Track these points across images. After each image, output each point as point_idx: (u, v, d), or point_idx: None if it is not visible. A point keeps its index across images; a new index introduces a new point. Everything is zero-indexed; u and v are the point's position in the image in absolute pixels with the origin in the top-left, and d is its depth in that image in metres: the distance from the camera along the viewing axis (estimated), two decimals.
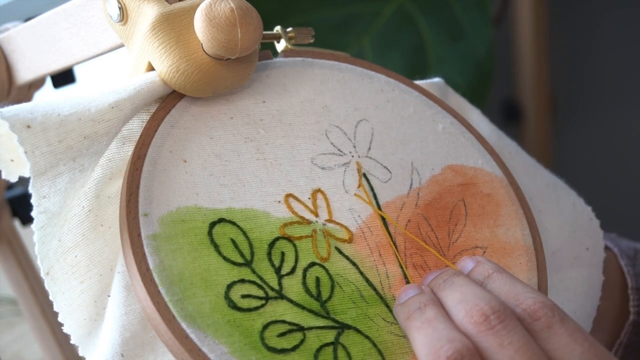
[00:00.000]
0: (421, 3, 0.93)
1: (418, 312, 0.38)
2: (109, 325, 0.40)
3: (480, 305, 0.37)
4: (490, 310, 0.36)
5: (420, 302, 0.39)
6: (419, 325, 0.38)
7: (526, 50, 1.30)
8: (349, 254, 0.42)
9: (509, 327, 0.36)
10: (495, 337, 0.36)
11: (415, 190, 0.45)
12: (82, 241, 0.40)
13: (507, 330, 0.36)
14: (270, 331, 0.38)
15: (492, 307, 0.37)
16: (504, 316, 0.36)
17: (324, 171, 0.44)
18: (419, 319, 0.38)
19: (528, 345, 0.36)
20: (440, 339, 0.36)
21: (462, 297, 0.38)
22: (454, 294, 0.38)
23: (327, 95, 0.47)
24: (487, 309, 0.37)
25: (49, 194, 0.38)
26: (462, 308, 0.37)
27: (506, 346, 0.35)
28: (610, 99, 1.43)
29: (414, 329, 0.38)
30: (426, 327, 0.37)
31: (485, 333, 0.36)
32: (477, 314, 0.36)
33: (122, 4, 0.43)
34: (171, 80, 0.42)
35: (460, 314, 0.37)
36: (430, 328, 0.37)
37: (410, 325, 0.38)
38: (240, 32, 0.40)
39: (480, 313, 0.36)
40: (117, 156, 0.42)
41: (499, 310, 0.36)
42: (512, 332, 0.36)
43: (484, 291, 0.38)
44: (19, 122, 0.37)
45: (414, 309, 0.39)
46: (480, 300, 0.37)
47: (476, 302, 0.37)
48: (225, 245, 0.39)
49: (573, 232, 0.50)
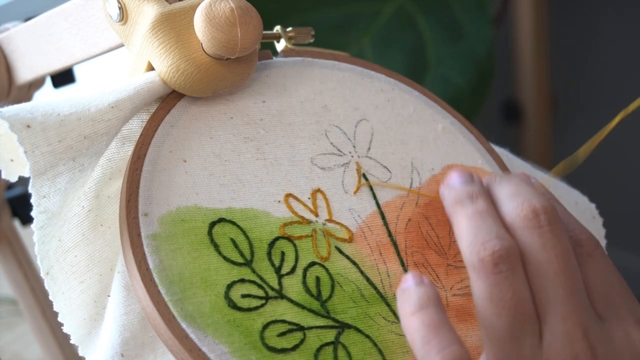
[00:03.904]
0: (421, 3, 0.93)
1: (469, 200, 0.37)
2: (108, 325, 0.40)
3: (533, 202, 0.36)
4: (542, 209, 0.36)
5: (473, 191, 0.38)
6: (469, 214, 0.37)
7: (526, 50, 1.30)
8: (349, 253, 0.42)
9: (555, 232, 0.36)
10: (539, 237, 0.35)
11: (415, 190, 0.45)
12: (82, 241, 0.40)
13: (553, 233, 0.36)
14: (271, 331, 0.38)
15: (544, 206, 0.36)
16: (554, 220, 0.36)
17: (323, 171, 0.44)
18: (469, 207, 0.37)
19: (568, 255, 0.36)
20: (489, 232, 0.36)
21: (516, 191, 0.37)
22: (509, 187, 0.38)
23: (326, 95, 0.47)
24: (539, 207, 0.36)
25: (49, 193, 0.38)
26: (514, 200, 0.37)
27: (548, 249, 0.35)
28: (610, 99, 1.43)
29: (462, 215, 0.37)
30: (476, 217, 0.37)
31: (532, 231, 0.36)
32: (527, 209, 0.36)
33: (122, 4, 0.43)
34: (171, 80, 0.42)
35: (511, 205, 0.37)
36: (481, 219, 0.36)
37: (457, 210, 0.37)
38: (240, 32, 0.40)
39: (531, 209, 0.36)
40: (117, 156, 0.42)
41: (551, 213, 0.36)
42: (557, 237, 0.36)
43: (539, 193, 0.37)
44: (18, 121, 0.37)
45: (464, 195, 0.38)
46: (534, 198, 0.37)
47: (529, 198, 0.37)
48: (225, 245, 0.39)
49: None
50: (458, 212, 0.37)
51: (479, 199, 0.37)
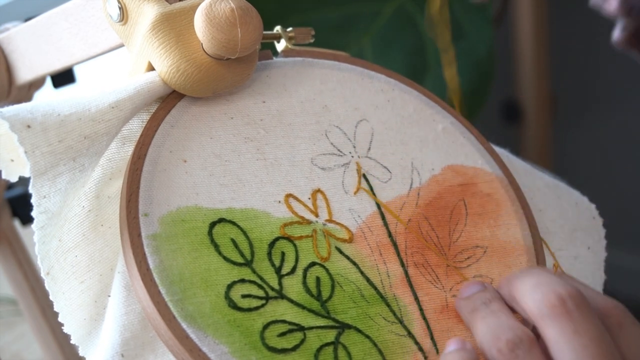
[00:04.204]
0: (421, 3, 0.93)
1: (483, 306, 0.39)
2: (109, 325, 0.40)
3: (558, 289, 0.36)
4: (568, 295, 0.36)
5: (485, 298, 0.40)
6: (484, 316, 0.38)
7: (526, 50, 1.30)
8: (350, 253, 0.42)
9: (585, 315, 0.35)
10: (570, 322, 0.35)
11: (415, 190, 0.45)
12: (82, 241, 0.40)
13: (583, 317, 0.35)
14: (271, 331, 0.38)
15: (569, 292, 0.36)
16: (581, 303, 0.36)
17: (323, 172, 0.44)
18: (484, 311, 0.39)
19: (603, 336, 0.35)
20: (502, 326, 0.37)
21: (538, 282, 0.37)
22: (530, 279, 0.38)
23: (327, 95, 0.47)
24: (564, 293, 0.36)
25: (49, 193, 0.38)
26: (538, 291, 0.37)
27: (581, 334, 0.35)
28: (610, 99, 1.43)
29: (479, 319, 0.38)
30: (490, 317, 0.38)
31: (561, 318, 0.35)
32: (553, 297, 0.36)
33: (122, 4, 0.43)
34: (171, 80, 0.42)
35: (535, 297, 0.37)
36: (495, 317, 0.38)
37: (475, 316, 0.39)
38: (240, 32, 0.40)
39: (557, 296, 0.36)
40: (117, 156, 0.42)
41: (577, 297, 0.36)
42: (588, 320, 0.35)
43: (561, 279, 0.37)
44: (19, 122, 0.37)
45: (479, 303, 0.39)
46: (558, 285, 0.37)
47: (554, 287, 0.37)
48: (226, 245, 0.39)
49: (574, 232, 0.50)
50: (475, 318, 0.39)
51: (492, 302, 0.39)
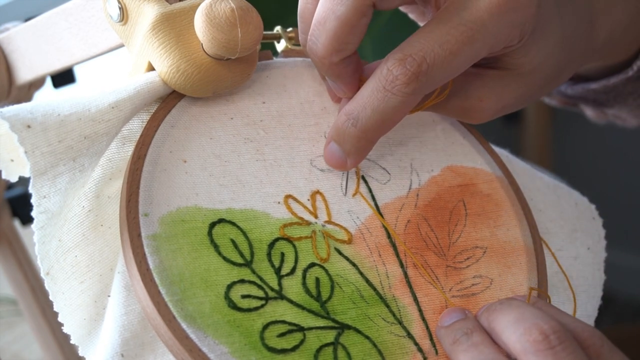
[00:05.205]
0: None
1: (465, 337, 0.38)
2: (109, 325, 0.40)
3: (540, 324, 0.36)
4: (551, 329, 0.36)
5: (467, 328, 0.39)
6: (465, 349, 0.38)
7: None
8: (349, 254, 0.42)
9: (569, 349, 0.35)
10: (554, 358, 0.35)
11: (414, 191, 0.45)
12: (82, 241, 0.40)
13: (567, 352, 0.35)
14: (270, 331, 0.38)
15: (552, 326, 0.36)
16: (564, 337, 0.36)
17: (322, 173, 0.44)
18: (465, 343, 0.38)
19: None
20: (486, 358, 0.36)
21: (519, 316, 0.37)
22: (510, 313, 0.38)
23: (326, 96, 0.47)
24: (547, 328, 0.36)
25: (49, 194, 0.38)
26: (520, 326, 0.37)
27: None
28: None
29: (460, 352, 0.38)
30: (472, 350, 0.37)
31: (545, 353, 0.35)
32: (536, 332, 0.36)
33: (122, 4, 0.43)
34: (171, 80, 0.42)
35: (517, 332, 0.36)
36: (477, 351, 0.37)
37: (456, 349, 0.38)
38: (241, 32, 0.40)
39: (539, 332, 0.36)
40: (117, 156, 0.42)
41: (559, 331, 0.36)
42: (573, 354, 0.35)
43: (542, 312, 0.37)
44: (19, 122, 0.37)
45: (460, 334, 0.39)
46: (540, 320, 0.36)
47: (535, 322, 0.36)
48: (225, 246, 0.40)
49: (574, 232, 0.50)
50: (457, 351, 0.39)
51: (473, 333, 0.39)
